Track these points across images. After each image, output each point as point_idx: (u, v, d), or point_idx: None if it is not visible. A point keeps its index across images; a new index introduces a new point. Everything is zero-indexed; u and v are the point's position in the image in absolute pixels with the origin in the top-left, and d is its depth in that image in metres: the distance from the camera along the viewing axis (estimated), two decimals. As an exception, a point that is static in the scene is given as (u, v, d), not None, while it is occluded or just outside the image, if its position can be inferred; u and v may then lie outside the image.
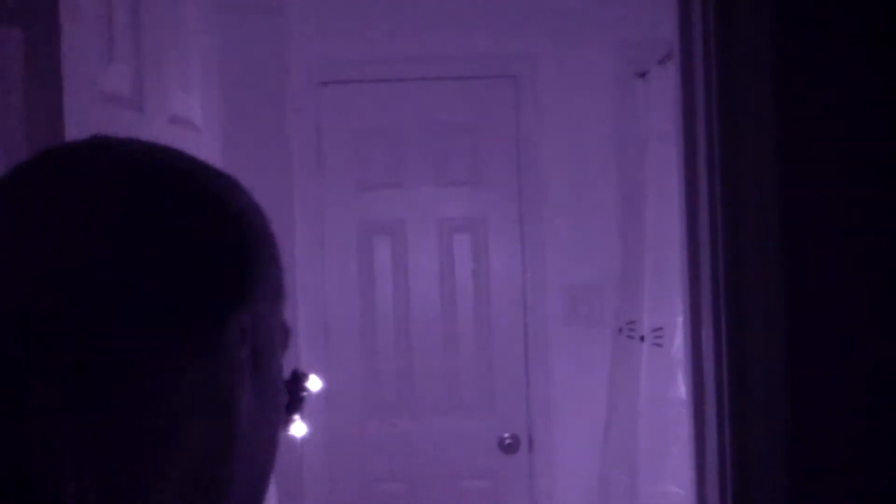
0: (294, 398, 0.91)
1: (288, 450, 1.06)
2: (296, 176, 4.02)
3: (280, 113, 3.94)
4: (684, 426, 3.44)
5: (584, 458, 4.00)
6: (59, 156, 0.79)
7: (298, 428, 0.89)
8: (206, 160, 0.84)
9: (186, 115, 2.06)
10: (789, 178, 1.78)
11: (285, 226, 3.91)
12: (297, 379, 0.91)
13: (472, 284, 4.08)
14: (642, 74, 3.86)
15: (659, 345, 3.62)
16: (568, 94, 4.06)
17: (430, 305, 4.07)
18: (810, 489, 1.78)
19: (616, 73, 4.04)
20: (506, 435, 4.04)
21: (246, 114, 3.14)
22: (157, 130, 1.87)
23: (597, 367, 3.98)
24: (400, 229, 4.08)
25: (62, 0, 1.51)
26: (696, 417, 1.87)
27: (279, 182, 3.86)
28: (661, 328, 3.61)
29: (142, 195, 0.75)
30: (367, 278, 4.07)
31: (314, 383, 0.92)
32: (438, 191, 4.09)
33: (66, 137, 1.51)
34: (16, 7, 1.50)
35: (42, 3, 1.51)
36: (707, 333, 1.81)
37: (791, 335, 1.77)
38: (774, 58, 1.77)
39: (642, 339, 3.73)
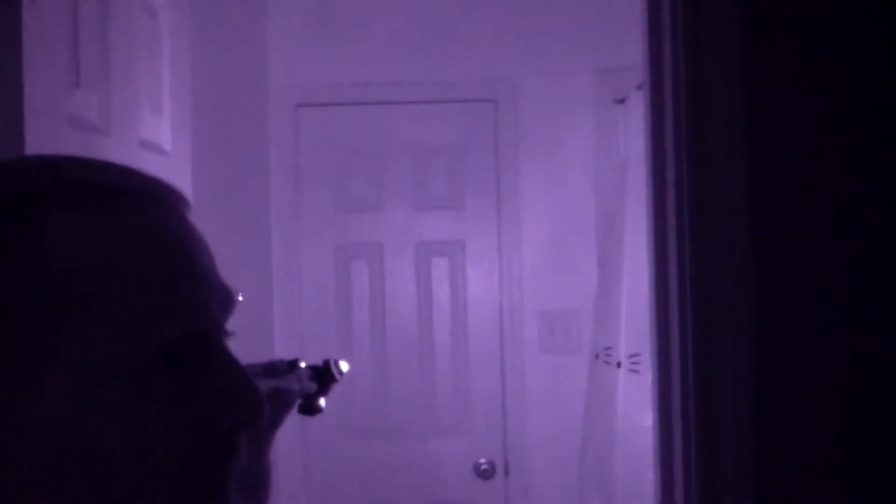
0: (323, 385, 0.98)
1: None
2: (273, 198, 4.01)
3: (258, 135, 3.93)
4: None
5: (559, 485, 3.98)
6: None
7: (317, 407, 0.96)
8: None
9: (156, 140, 2.05)
10: (759, 208, 1.78)
11: (262, 247, 3.89)
12: (328, 367, 0.94)
13: (450, 309, 4.07)
14: (621, 100, 3.87)
15: (636, 371, 3.61)
16: (548, 119, 4.07)
17: (407, 329, 4.05)
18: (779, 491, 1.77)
19: (595, 98, 4.04)
20: (482, 460, 4.02)
21: (223, 137, 3.13)
22: (125, 155, 1.86)
23: (573, 392, 3.97)
24: (378, 252, 4.07)
25: (25, 24, 1.50)
26: (663, 440, 1.86)
27: (257, 204, 3.85)
28: (637, 354, 3.60)
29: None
30: (344, 301, 4.06)
31: (344, 366, 0.98)
32: (417, 214, 4.08)
33: (27, 162, 1.49)
34: (-22, 31, 1.48)
35: (3, 27, 1.49)
36: (675, 361, 1.81)
37: (759, 357, 1.77)
38: (744, 87, 1.77)
39: (619, 365, 3.72)
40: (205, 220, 0.81)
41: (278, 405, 1.08)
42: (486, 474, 4.01)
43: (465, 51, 4.06)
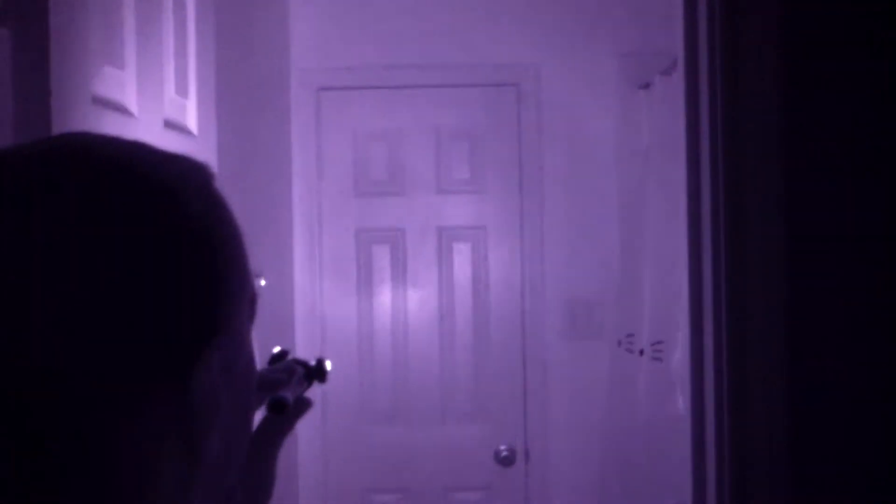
0: (321, 375, 1.07)
1: (283, 456, 1.06)
2: (295, 181, 4.00)
3: (281, 119, 3.91)
4: (683, 441, 3.42)
5: (580, 472, 3.96)
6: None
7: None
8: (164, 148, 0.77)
9: (181, 120, 2.03)
10: (794, 190, 1.75)
11: (284, 231, 3.88)
12: (320, 364, 1.08)
13: (471, 294, 4.05)
14: (645, 86, 3.83)
15: (658, 359, 3.58)
16: (570, 103, 4.04)
17: (429, 314, 4.04)
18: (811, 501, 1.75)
19: (618, 83, 4.01)
20: (502, 447, 4.00)
21: (245, 119, 3.11)
22: (150, 135, 1.84)
23: (595, 380, 3.95)
24: (399, 237, 4.05)
25: (53, 1, 1.48)
26: (696, 430, 1.84)
27: (279, 187, 3.83)
28: (660, 342, 3.58)
29: (98, 218, 0.68)
30: (366, 285, 4.04)
31: (328, 366, 1.09)
32: (439, 198, 4.06)
33: (54, 141, 1.48)
34: (4, 6, 1.47)
35: (32, 3, 1.48)
36: (708, 346, 1.78)
37: (792, 347, 1.74)
38: (781, 70, 1.74)
39: (641, 352, 3.70)
40: (228, 203, 0.80)
41: (297, 413, 1.07)
42: (506, 461, 3.99)
43: (488, 35, 4.03)
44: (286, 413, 1.03)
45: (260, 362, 0.90)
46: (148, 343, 0.68)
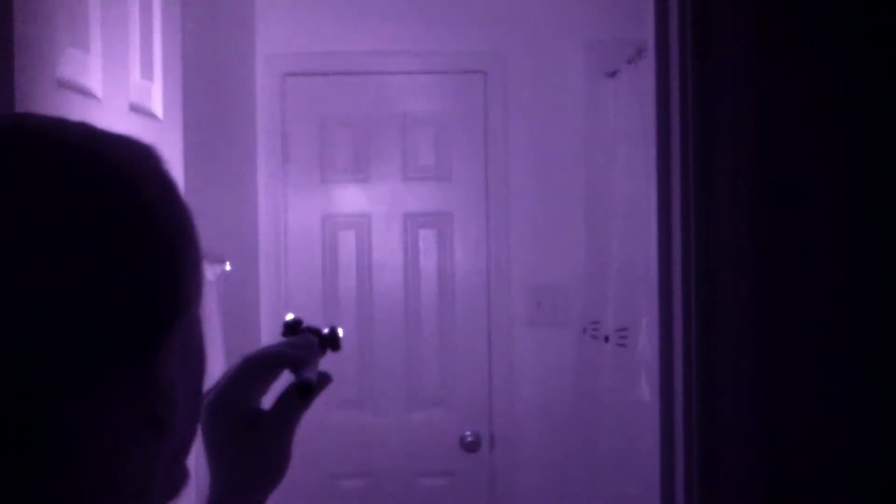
0: (334, 343, 1.11)
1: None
2: (260, 168, 3.98)
3: (246, 104, 3.89)
4: (647, 426, 3.44)
5: (545, 458, 3.98)
6: None
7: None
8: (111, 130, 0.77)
9: (147, 104, 2.01)
10: (765, 176, 1.76)
11: (249, 217, 3.87)
12: (333, 331, 1.13)
13: (437, 280, 4.05)
14: (612, 74, 3.84)
15: (623, 345, 3.61)
16: (537, 91, 4.04)
17: (394, 301, 4.04)
18: (780, 488, 1.77)
19: (585, 71, 4.02)
20: (467, 433, 4.01)
21: (210, 104, 3.09)
22: (115, 118, 1.83)
23: (560, 366, 3.97)
24: (365, 223, 4.05)
25: (17, -19, 1.46)
26: (664, 417, 1.85)
27: (244, 172, 3.81)
28: (625, 329, 3.60)
29: (51, 201, 0.67)
30: (331, 271, 4.04)
31: (340, 332, 1.13)
32: (404, 185, 4.06)
33: (18, 123, 1.47)
34: (-33, -12, 1.45)
35: (-5, -16, 1.46)
36: (677, 332, 1.79)
37: (762, 333, 1.76)
38: (754, 52, 1.75)
39: (606, 339, 3.72)
40: (194, 188, 0.80)
41: (317, 390, 1.08)
42: (471, 446, 4.00)
43: (456, 22, 4.02)
44: (311, 396, 1.04)
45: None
46: (113, 325, 0.68)
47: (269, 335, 3.83)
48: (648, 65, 3.20)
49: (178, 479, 0.81)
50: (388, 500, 4.00)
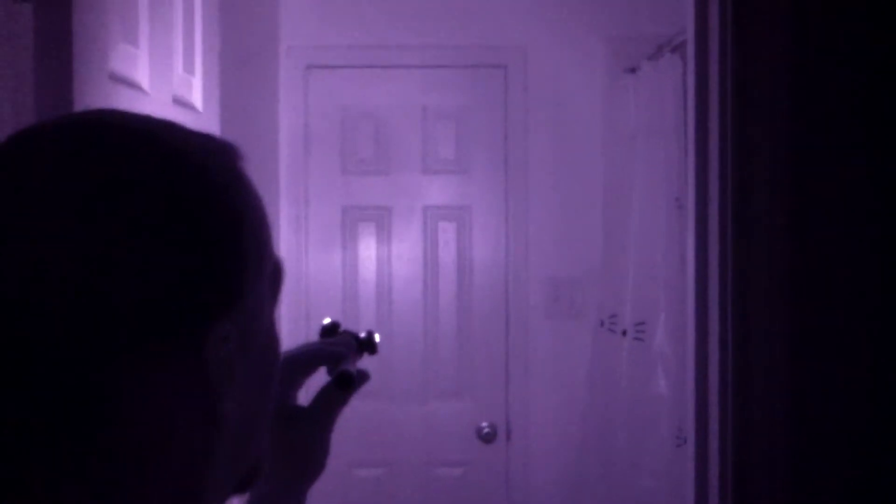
0: (371, 347, 1.14)
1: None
2: (283, 158, 4.02)
3: (269, 96, 3.93)
4: (663, 421, 3.48)
5: (561, 450, 4.02)
6: (40, 132, 0.75)
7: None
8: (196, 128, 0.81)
9: (188, 97, 2.05)
10: (801, 169, 1.79)
11: (271, 207, 3.89)
12: (370, 335, 1.15)
13: (456, 273, 4.09)
14: (632, 70, 3.87)
15: (640, 339, 3.64)
16: (557, 86, 4.07)
17: (413, 292, 4.08)
18: (812, 487, 1.80)
19: (605, 67, 4.05)
20: (484, 424, 4.06)
21: (237, 95, 3.12)
22: (160, 111, 1.87)
23: (577, 359, 4.00)
24: (385, 215, 4.09)
25: (76, -22, 1.50)
26: (699, 415, 1.88)
27: (266, 163, 3.85)
28: (643, 322, 3.63)
29: (124, 182, 0.71)
30: (351, 262, 4.08)
31: (377, 337, 1.15)
32: (425, 178, 4.09)
33: (74, 116, 1.50)
34: (28, -17, 1.48)
35: (55, -20, 1.50)
36: (713, 330, 1.82)
37: (795, 331, 1.78)
38: (792, 46, 1.77)
39: (624, 333, 3.75)
40: (253, 183, 0.84)
41: (357, 386, 1.10)
42: (487, 437, 4.05)
43: (477, 15, 4.06)
44: (350, 387, 1.06)
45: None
46: (164, 306, 0.70)
47: (289, 325, 3.87)
48: (673, 62, 3.22)
49: (249, 471, 0.83)
50: (405, 489, 4.05)
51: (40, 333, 0.68)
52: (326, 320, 1.16)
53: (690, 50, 1.85)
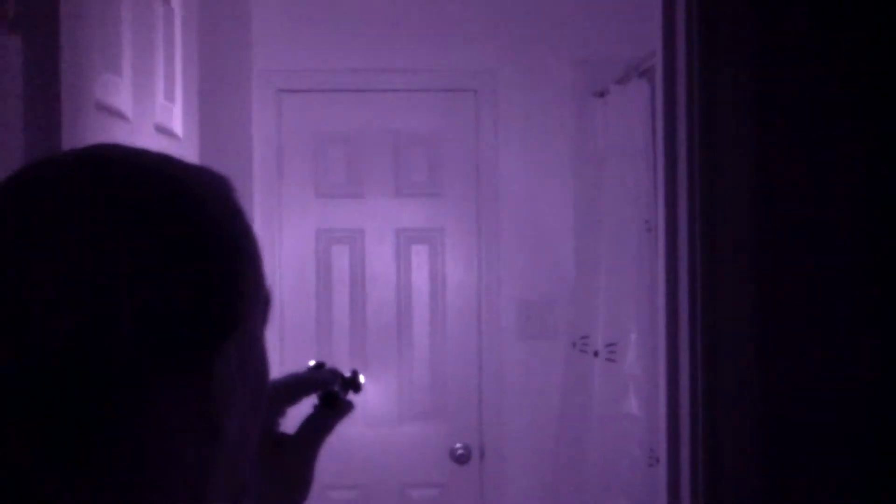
0: (355, 385, 1.13)
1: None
2: (256, 182, 4.04)
3: (242, 120, 3.95)
4: (635, 440, 3.52)
5: (535, 470, 4.05)
6: (47, 167, 0.79)
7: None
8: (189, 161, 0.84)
9: (169, 124, 2.08)
10: (767, 189, 1.83)
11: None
12: (355, 374, 1.13)
13: (429, 295, 4.12)
14: (601, 94, 3.93)
15: (612, 360, 3.68)
16: (527, 109, 4.12)
17: (387, 315, 4.10)
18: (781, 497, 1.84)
19: (574, 90, 4.10)
20: (458, 445, 4.08)
21: (213, 121, 3.15)
22: (143, 139, 1.89)
23: (549, 380, 4.04)
24: (359, 238, 4.11)
25: (63, 10, 1.53)
26: (671, 434, 1.92)
27: (240, 187, 3.86)
28: (614, 343, 3.67)
29: (134, 215, 0.75)
30: (325, 285, 4.10)
31: (362, 378, 1.14)
32: (397, 201, 4.13)
33: (62, 144, 1.53)
34: (17, 15, 1.51)
35: (43, 12, 1.52)
36: (683, 344, 1.86)
37: (765, 349, 1.83)
38: (756, 71, 1.82)
39: (596, 353, 3.79)
40: (246, 214, 0.87)
41: (340, 413, 1.13)
42: (461, 459, 4.07)
43: (447, 40, 4.10)
44: (336, 408, 1.09)
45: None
46: (173, 329, 0.74)
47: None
48: (641, 87, 3.27)
49: (237, 489, 0.86)
50: (379, 511, 4.06)
51: (54, 358, 0.71)
52: (312, 362, 1.18)
53: (658, 75, 1.90)
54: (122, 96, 1.79)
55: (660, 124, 1.89)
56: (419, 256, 4.13)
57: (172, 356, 0.74)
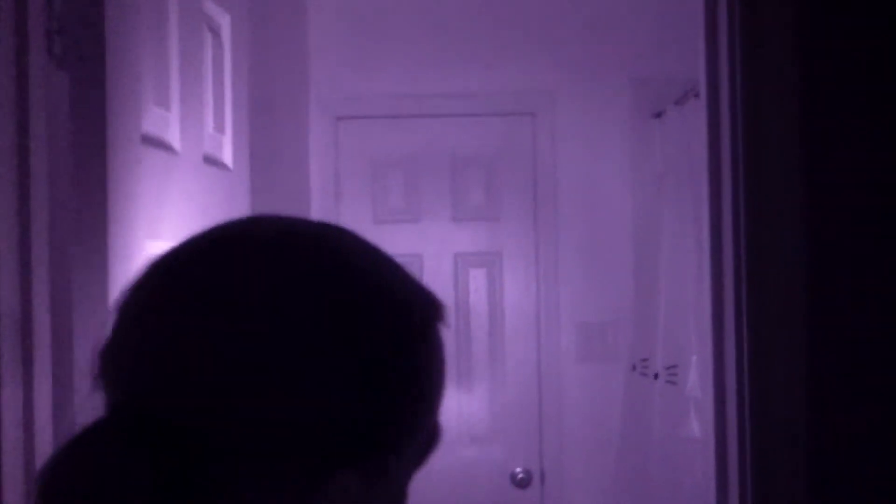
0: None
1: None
2: (314, 209, 4.07)
3: (300, 148, 3.99)
4: (696, 462, 3.48)
5: (595, 494, 4.02)
6: (241, 243, 0.75)
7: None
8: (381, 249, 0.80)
9: (219, 155, 2.10)
10: (814, 213, 1.81)
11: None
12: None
13: (487, 318, 4.12)
14: (658, 115, 3.91)
15: (673, 382, 3.65)
16: (585, 131, 4.11)
17: (446, 339, 4.09)
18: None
19: (632, 111, 4.08)
20: (518, 469, 4.06)
21: (268, 149, 3.18)
22: (190, 170, 1.92)
23: (609, 402, 4.01)
24: (416, 263, 4.13)
25: (109, 45, 1.56)
26: (719, 456, 1.90)
27: (298, 214, 3.90)
28: (675, 366, 3.64)
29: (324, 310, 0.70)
30: (383, 311, 4.11)
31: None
32: (455, 225, 4.13)
33: (108, 178, 1.56)
34: (64, 51, 1.54)
35: (89, 47, 1.55)
36: (730, 370, 1.84)
37: (812, 368, 1.80)
38: (801, 96, 1.81)
39: (656, 376, 3.76)
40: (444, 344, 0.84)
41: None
42: (522, 483, 4.05)
43: (503, 62, 4.11)
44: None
45: None
46: (304, 437, 0.69)
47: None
48: (698, 107, 3.25)
49: None
50: (441, 536, 4.05)
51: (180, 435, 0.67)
52: None
53: (702, 103, 1.89)
54: (169, 129, 1.82)
55: (704, 148, 1.87)
56: (477, 280, 4.13)
57: (291, 466, 0.70)
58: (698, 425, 3.51)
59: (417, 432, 0.78)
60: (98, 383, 0.71)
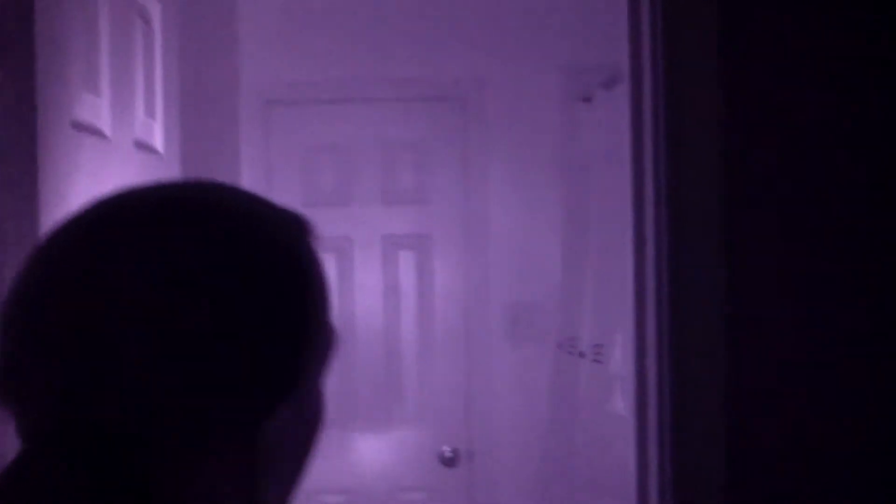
0: None
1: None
2: (245, 192, 4.07)
3: (230, 132, 3.99)
4: (622, 440, 3.55)
5: (523, 471, 4.08)
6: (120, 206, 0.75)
7: None
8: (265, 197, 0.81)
9: (150, 140, 2.12)
10: (733, 198, 1.88)
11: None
12: None
13: (417, 301, 4.16)
14: (587, 99, 3.96)
15: (598, 361, 3.71)
16: (514, 116, 4.16)
17: (375, 320, 4.14)
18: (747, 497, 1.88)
19: (561, 96, 4.14)
20: (446, 448, 4.12)
21: (198, 133, 3.19)
22: (122, 156, 1.93)
23: (537, 382, 4.08)
24: (346, 245, 4.15)
25: (38, 32, 1.57)
26: (639, 431, 1.97)
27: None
28: (600, 345, 3.71)
29: (212, 255, 0.72)
30: (314, 293, 4.13)
31: None
32: (385, 209, 4.17)
33: (38, 165, 1.57)
34: (-7, 40, 1.55)
35: (18, 34, 1.56)
36: (651, 349, 1.91)
37: (731, 347, 1.87)
38: (720, 79, 1.87)
39: (582, 355, 3.83)
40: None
41: None
42: (450, 462, 4.11)
43: (434, 49, 4.14)
44: None
45: None
46: (230, 392, 0.71)
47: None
48: (623, 92, 3.31)
49: None
50: (371, 515, 4.10)
51: (108, 409, 0.69)
52: None
53: (625, 89, 1.94)
54: (101, 115, 1.83)
55: (627, 135, 1.93)
56: (406, 263, 4.17)
57: (224, 422, 0.72)
58: (623, 403, 3.58)
59: (320, 343, 0.79)
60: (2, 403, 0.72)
